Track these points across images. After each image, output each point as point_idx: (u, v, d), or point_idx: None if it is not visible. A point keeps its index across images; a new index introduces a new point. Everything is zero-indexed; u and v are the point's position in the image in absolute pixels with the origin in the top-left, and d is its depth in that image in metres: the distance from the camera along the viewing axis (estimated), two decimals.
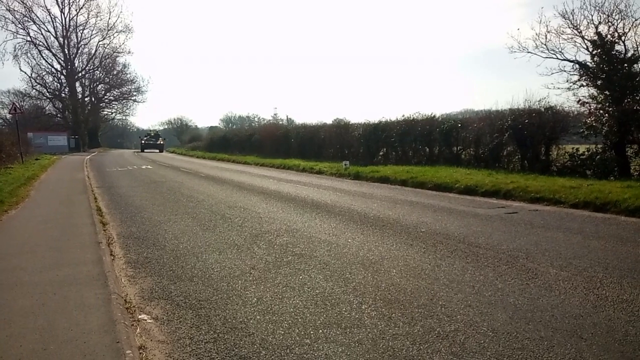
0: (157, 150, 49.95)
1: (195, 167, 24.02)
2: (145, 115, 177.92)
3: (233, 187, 13.88)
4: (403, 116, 20.10)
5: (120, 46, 63.03)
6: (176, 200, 11.03)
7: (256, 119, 78.33)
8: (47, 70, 55.10)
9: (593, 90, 13.78)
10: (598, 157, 12.81)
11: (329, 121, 27.76)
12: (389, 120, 20.85)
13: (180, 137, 68.20)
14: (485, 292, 4.40)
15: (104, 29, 55.16)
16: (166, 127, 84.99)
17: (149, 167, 24.54)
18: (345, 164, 17.60)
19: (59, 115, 58.96)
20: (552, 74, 14.53)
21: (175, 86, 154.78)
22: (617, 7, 13.29)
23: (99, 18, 69.73)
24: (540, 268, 5.09)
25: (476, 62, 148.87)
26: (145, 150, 49.42)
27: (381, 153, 21.33)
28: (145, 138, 52.76)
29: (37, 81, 54.09)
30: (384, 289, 4.52)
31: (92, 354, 3.23)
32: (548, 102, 14.68)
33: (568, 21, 14.06)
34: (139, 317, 4.04)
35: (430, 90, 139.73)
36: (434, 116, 19.12)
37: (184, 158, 36.36)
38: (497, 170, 14.42)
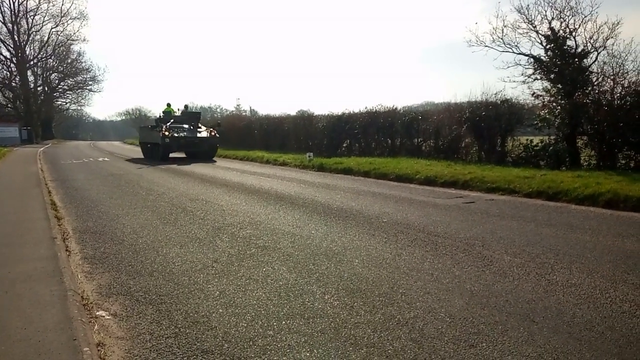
0: (185, 155, 22.78)
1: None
2: (102, 106, 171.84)
3: (195, 179, 13.64)
4: (366, 108, 20.37)
5: (74, 33, 60.75)
6: (135, 194, 10.76)
7: (218, 109, 77.18)
8: None
9: (546, 84, 14.38)
10: (551, 148, 13.38)
11: (293, 112, 27.69)
12: (352, 112, 21.06)
13: (138, 128, 66.37)
14: (444, 279, 4.54)
15: (57, 15, 52.87)
16: (124, 117, 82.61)
17: (105, 159, 23.77)
18: (309, 156, 17.63)
19: (9, 105, 56.16)
20: (508, 67, 15.09)
21: (134, 76, 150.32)
22: (568, 3, 13.88)
23: (51, 4, 66.93)
24: (495, 255, 5.30)
25: (437, 55, 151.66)
26: (171, 156, 21.45)
27: (344, 145, 21.51)
28: (166, 127, 21.02)
29: None
30: (347, 279, 4.58)
31: (47, 353, 3.13)
32: (504, 95, 15.26)
33: (523, 16, 14.59)
34: (97, 313, 3.94)
35: (392, 82, 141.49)
36: (396, 108, 19.47)
37: None
38: (455, 161, 14.83)
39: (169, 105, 24.59)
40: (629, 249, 5.48)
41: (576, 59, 13.70)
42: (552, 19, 14.06)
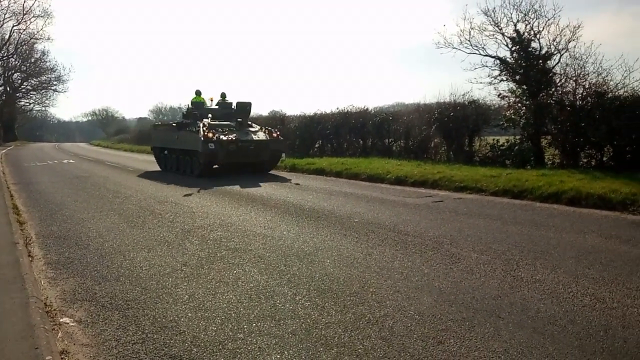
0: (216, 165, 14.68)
1: (122, 160, 22.93)
2: (67, 106, 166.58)
3: (163, 181, 13.40)
4: (337, 108, 20.44)
5: (38, 32, 58.40)
6: (101, 196, 10.49)
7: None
8: None
9: (512, 85, 14.71)
10: (516, 147, 13.73)
11: (265, 113, 27.49)
12: (324, 112, 21.08)
13: (105, 129, 64.87)
14: (413, 277, 4.60)
15: (19, 13, 50.72)
16: (90, 118, 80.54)
17: (71, 161, 23.12)
18: (281, 156, 17.54)
19: None
20: (475, 69, 15.34)
21: (100, 75, 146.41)
22: (532, 6, 14.23)
23: (12, 0, 64.32)
24: (463, 253, 5.40)
25: (407, 57, 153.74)
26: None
27: (317, 145, 21.52)
28: (205, 125, 14.05)
29: None
30: (318, 279, 4.59)
31: None
32: (471, 96, 15.56)
33: (490, 18, 14.86)
34: (61, 320, 3.82)
35: (363, 83, 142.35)
36: (367, 109, 19.61)
37: (109, 151, 34.58)
38: (425, 161, 15.06)
39: (198, 93, 16.80)
40: (590, 245, 5.68)
41: (540, 61, 14.07)
42: (518, 21, 14.41)
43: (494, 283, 4.41)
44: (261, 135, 14.62)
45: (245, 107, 16.13)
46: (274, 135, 14.80)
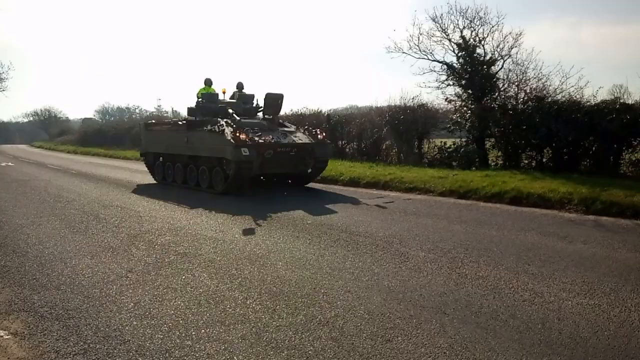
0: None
1: (65, 163, 21.91)
2: (6, 106, 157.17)
3: (109, 184, 12.92)
4: (291, 111, 20.45)
5: None
6: (42, 201, 9.96)
7: (137, 110, 73.18)
8: None
9: (458, 89, 15.25)
10: (462, 149, 14.26)
11: None
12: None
13: (48, 130, 61.70)
14: (363, 277, 4.67)
15: None
16: (31, 119, 76.38)
17: (10, 164, 21.83)
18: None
19: None
20: (424, 73, 15.82)
21: (43, 74, 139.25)
22: (477, 14, 14.83)
23: None
24: (411, 252, 5.54)
25: (362, 60, 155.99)
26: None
27: None
28: (232, 123, 10.86)
29: None
30: (270, 282, 4.57)
31: None
32: (420, 100, 16.03)
33: (438, 25, 15.33)
34: None
35: (317, 85, 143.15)
36: (321, 111, 19.72)
37: (52, 153, 32.94)
38: (377, 162, 15.35)
39: (209, 83, 13.49)
40: (530, 242, 5.98)
41: (485, 66, 14.68)
42: (464, 28, 14.95)
43: (440, 280, 4.55)
44: (303, 137, 11.28)
45: (276, 100, 11.98)
46: (320, 137, 11.39)
